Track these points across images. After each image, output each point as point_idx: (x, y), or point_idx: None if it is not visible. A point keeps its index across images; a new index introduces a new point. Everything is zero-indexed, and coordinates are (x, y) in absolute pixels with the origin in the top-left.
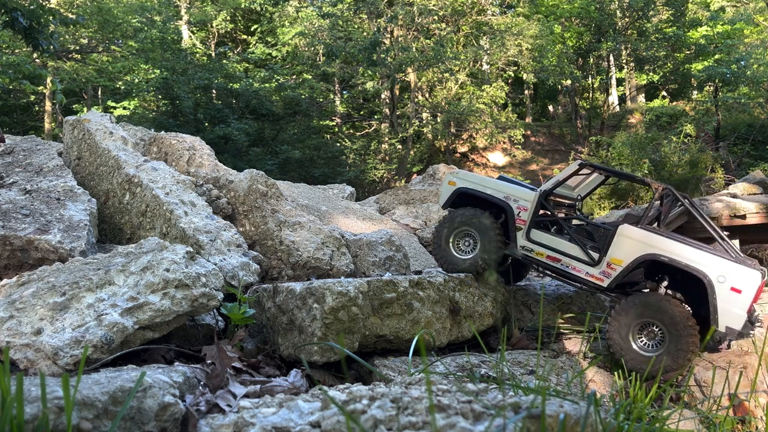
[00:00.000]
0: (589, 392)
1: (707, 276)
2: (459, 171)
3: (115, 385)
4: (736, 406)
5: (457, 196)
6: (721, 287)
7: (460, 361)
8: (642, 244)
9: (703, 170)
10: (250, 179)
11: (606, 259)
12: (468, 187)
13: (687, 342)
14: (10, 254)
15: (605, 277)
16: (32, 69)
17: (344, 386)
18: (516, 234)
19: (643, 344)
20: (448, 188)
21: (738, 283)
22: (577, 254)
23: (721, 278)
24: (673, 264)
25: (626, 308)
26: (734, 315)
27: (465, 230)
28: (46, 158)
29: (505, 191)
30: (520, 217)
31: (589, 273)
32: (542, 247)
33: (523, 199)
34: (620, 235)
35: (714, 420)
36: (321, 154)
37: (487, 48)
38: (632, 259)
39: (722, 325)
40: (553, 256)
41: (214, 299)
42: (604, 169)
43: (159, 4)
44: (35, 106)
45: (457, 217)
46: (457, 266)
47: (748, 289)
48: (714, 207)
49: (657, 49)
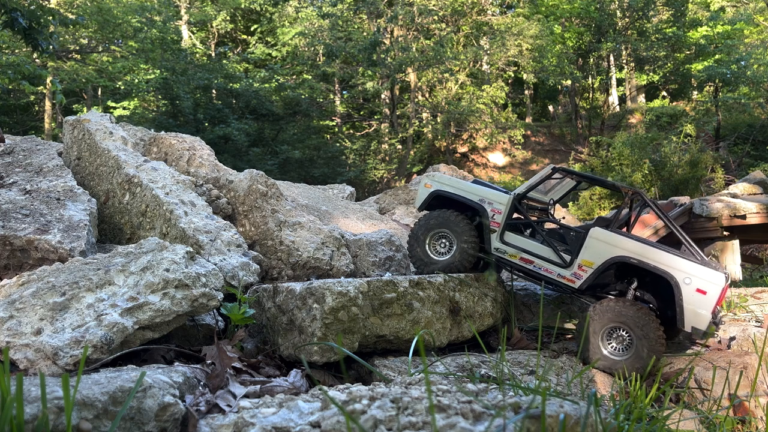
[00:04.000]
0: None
1: (674, 278)
2: (435, 174)
3: (115, 385)
4: (736, 406)
5: (432, 198)
6: (687, 288)
7: (460, 361)
8: (612, 246)
9: (703, 170)
10: (250, 179)
11: (577, 261)
12: (443, 189)
13: (654, 344)
14: (10, 254)
15: (576, 278)
16: (32, 69)
17: (344, 386)
18: (490, 236)
19: (612, 348)
20: (424, 191)
21: (703, 284)
22: (550, 256)
23: (687, 280)
24: (642, 266)
25: (594, 314)
26: (699, 315)
27: (441, 232)
28: (46, 158)
29: (479, 194)
30: (494, 219)
31: (561, 275)
32: (516, 249)
33: (498, 202)
34: (591, 237)
35: (714, 420)
36: (321, 154)
37: (487, 48)
38: (603, 261)
39: (688, 325)
40: (527, 258)
41: (214, 299)
42: (575, 174)
43: (159, 4)
44: (35, 106)
45: (433, 218)
46: (433, 267)
47: (712, 290)
48: (714, 207)
49: (657, 49)
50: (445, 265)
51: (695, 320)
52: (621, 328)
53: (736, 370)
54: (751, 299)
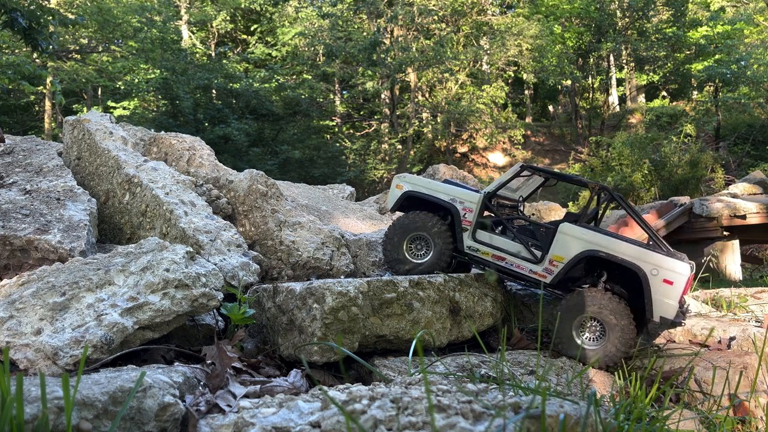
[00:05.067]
0: (589, 392)
1: (642, 269)
2: (406, 175)
3: (115, 385)
4: (736, 406)
5: (404, 199)
6: (655, 279)
7: (460, 361)
8: (581, 241)
9: (703, 170)
10: (250, 179)
11: (548, 256)
12: (415, 190)
13: (625, 332)
14: (10, 254)
15: (548, 273)
16: (32, 69)
17: (344, 386)
18: (462, 235)
19: (586, 338)
20: (395, 192)
21: (670, 275)
22: (521, 253)
23: (655, 271)
24: (611, 259)
25: (566, 306)
26: (667, 305)
27: (418, 233)
28: (46, 158)
29: (450, 194)
30: (466, 218)
31: (532, 270)
32: (488, 247)
33: (468, 201)
34: (561, 233)
35: (714, 420)
36: (321, 154)
37: (487, 48)
38: (573, 256)
39: (656, 315)
40: (498, 255)
41: (214, 299)
42: (543, 171)
43: (159, 4)
44: (35, 106)
45: (410, 220)
46: (412, 268)
47: (678, 280)
48: (714, 207)
49: (657, 49)
50: (424, 266)
51: (663, 310)
52: (593, 318)
53: (736, 370)
54: (751, 299)
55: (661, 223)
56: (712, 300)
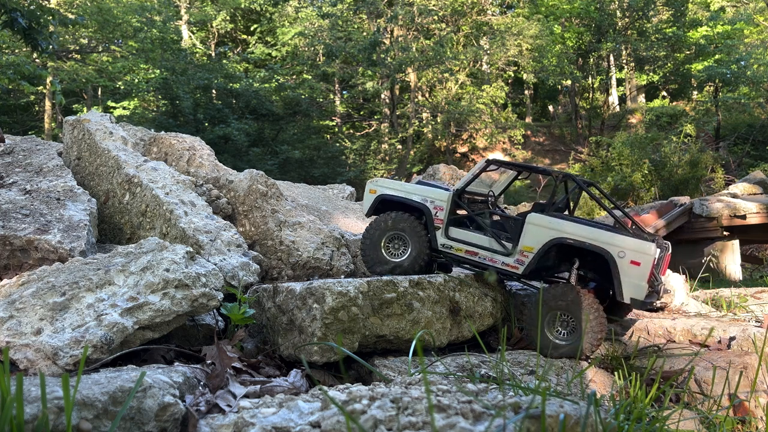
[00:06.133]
0: (589, 392)
1: (609, 252)
2: (377, 179)
3: (115, 385)
4: (736, 406)
5: (379, 203)
6: (622, 262)
7: (460, 361)
8: (549, 229)
9: (703, 170)
10: (250, 179)
11: (519, 247)
12: (388, 193)
13: (594, 324)
14: (10, 254)
15: (520, 264)
16: (32, 69)
17: (344, 386)
18: (435, 233)
19: (558, 333)
20: (369, 197)
21: (636, 256)
22: (492, 246)
23: (621, 254)
24: (579, 245)
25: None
26: (636, 286)
27: (396, 233)
28: (46, 158)
29: (422, 194)
30: (438, 216)
31: (504, 262)
32: (461, 243)
33: (439, 200)
34: (529, 223)
35: (714, 420)
36: (321, 154)
37: (487, 48)
38: (542, 245)
39: (626, 296)
40: (471, 251)
41: (214, 299)
42: (510, 164)
43: (159, 4)
44: (35, 106)
45: (387, 221)
46: (390, 268)
47: (645, 261)
48: (714, 207)
49: (657, 49)
50: (402, 266)
51: (633, 292)
52: (562, 313)
53: (736, 370)
54: (751, 299)
55: (662, 223)
56: (712, 300)
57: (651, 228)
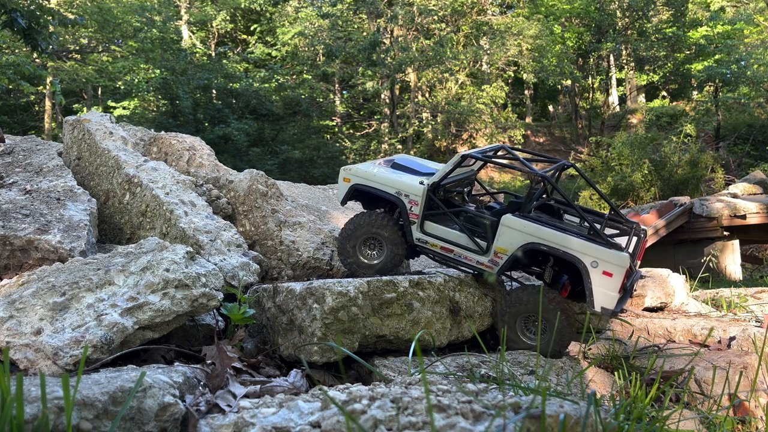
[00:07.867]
0: (589, 392)
1: (582, 261)
2: (351, 166)
3: (115, 385)
4: (736, 406)
5: (353, 191)
6: (595, 272)
7: (460, 361)
8: (523, 234)
9: (704, 170)
10: (250, 179)
11: (493, 248)
12: (361, 183)
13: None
14: (10, 254)
15: (494, 265)
16: (32, 69)
17: (344, 386)
18: (410, 228)
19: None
20: (343, 185)
21: (609, 267)
22: (467, 244)
23: (594, 263)
24: (552, 252)
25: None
26: (608, 296)
27: (371, 234)
28: (46, 158)
29: (396, 187)
30: (413, 211)
31: (479, 261)
32: (436, 239)
33: (413, 194)
34: (503, 225)
35: (714, 420)
36: (321, 154)
37: (487, 48)
38: (515, 248)
39: (597, 305)
40: (447, 247)
41: (214, 299)
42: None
43: (159, 4)
44: (35, 106)
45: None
46: (368, 268)
47: (617, 272)
48: (714, 207)
49: (657, 49)
50: (379, 267)
51: (603, 301)
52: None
53: (736, 370)
54: (751, 299)
55: (662, 223)
56: (712, 300)
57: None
